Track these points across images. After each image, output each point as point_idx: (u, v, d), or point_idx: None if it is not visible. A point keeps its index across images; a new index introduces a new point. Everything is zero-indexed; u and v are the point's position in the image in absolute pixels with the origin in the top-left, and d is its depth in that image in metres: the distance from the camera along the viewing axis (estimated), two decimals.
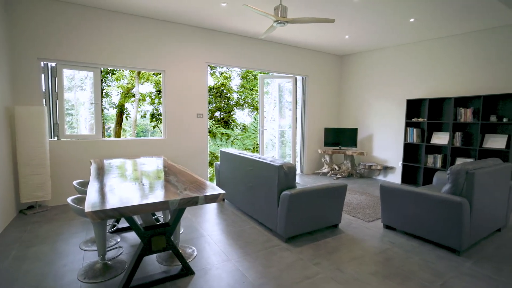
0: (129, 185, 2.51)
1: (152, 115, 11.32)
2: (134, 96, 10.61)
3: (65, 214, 3.94)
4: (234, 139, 10.95)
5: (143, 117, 11.69)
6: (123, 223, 3.56)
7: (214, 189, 2.39)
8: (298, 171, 7.12)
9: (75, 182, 3.04)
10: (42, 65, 4.15)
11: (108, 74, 10.37)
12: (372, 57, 6.63)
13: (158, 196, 2.18)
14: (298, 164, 7.12)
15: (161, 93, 6.04)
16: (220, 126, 11.68)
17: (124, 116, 10.92)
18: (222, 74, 11.46)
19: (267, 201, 3.35)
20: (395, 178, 6.25)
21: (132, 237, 3.26)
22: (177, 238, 2.85)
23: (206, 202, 2.24)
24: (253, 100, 11.99)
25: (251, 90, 11.94)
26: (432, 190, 3.11)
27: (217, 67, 11.29)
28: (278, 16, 3.43)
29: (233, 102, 12.14)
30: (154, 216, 3.53)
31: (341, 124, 7.45)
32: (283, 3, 3.92)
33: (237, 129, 12.15)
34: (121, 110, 10.78)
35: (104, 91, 10.33)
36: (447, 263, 2.74)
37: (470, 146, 4.92)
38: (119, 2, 4.16)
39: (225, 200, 4.64)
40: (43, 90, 4.18)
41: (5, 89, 3.64)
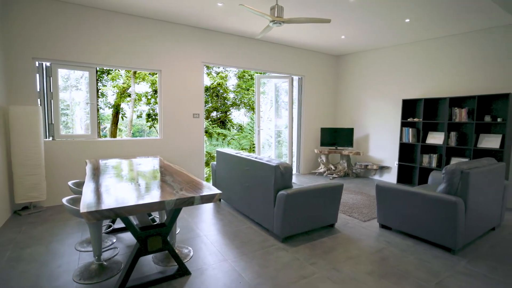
0: (125, 185, 2.50)
1: (148, 115, 11.28)
2: (130, 96, 10.57)
3: (60, 215, 3.91)
4: (231, 139, 10.94)
5: (139, 117, 11.65)
6: (119, 224, 3.55)
7: (210, 189, 2.38)
8: (295, 171, 7.14)
9: (71, 183, 3.02)
10: (37, 64, 4.11)
11: (103, 74, 10.33)
12: (368, 57, 6.66)
13: (154, 196, 2.17)
14: (295, 164, 7.14)
15: (157, 93, 6.02)
16: (216, 126, 11.67)
17: (120, 116, 10.88)
18: (218, 74, 11.45)
19: (264, 201, 3.36)
20: (391, 177, 6.28)
21: (128, 237, 3.25)
22: (173, 238, 2.84)
23: (202, 202, 2.23)
24: (249, 100, 11.99)
25: (248, 90, 11.94)
26: (427, 190, 3.13)
27: (213, 67, 11.27)
28: (274, 16, 3.44)
29: (229, 102, 12.14)
30: (150, 216, 3.52)
31: (337, 124, 7.47)
32: (279, 3, 3.93)
33: (233, 129, 12.14)
34: (117, 110, 10.74)
35: (99, 91, 10.28)
36: (442, 262, 2.76)
37: (465, 146, 4.96)
38: (115, 2, 4.14)
39: (221, 200, 4.64)
40: (38, 90, 4.15)
41: None
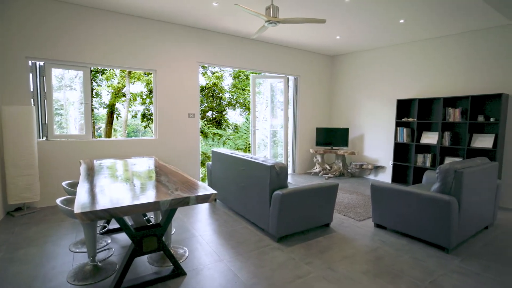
0: (119, 185, 2.49)
1: (143, 115, 11.23)
2: (125, 96, 10.51)
3: (54, 216, 3.88)
4: (226, 139, 10.93)
5: (134, 117, 11.59)
6: (114, 224, 3.52)
7: (205, 189, 2.38)
8: (290, 171, 7.15)
9: (65, 183, 2.99)
10: (30, 64, 4.07)
11: (98, 74, 10.26)
12: (363, 57, 6.69)
13: (149, 196, 2.16)
14: (290, 163, 7.15)
15: (152, 93, 5.99)
16: (212, 126, 11.65)
17: (114, 116, 10.81)
18: (214, 73, 11.43)
19: (259, 201, 3.36)
20: (386, 177, 6.32)
21: (123, 238, 3.23)
22: (168, 238, 2.83)
23: (198, 203, 2.23)
24: (245, 100, 11.99)
25: (243, 90, 11.94)
26: (421, 189, 3.15)
27: (208, 67, 11.25)
28: (270, 16, 3.44)
29: (225, 102, 12.12)
30: (145, 216, 3.50)
31: (332, 124, 7.50)
32: (275, 3, 3.93)
33: (229, 129, 12.13)
34: (111, 110, 10.67)
35: (94, 91, 10.20)
36: (436, 261, 2.79)
37: (458, 146, 5.00)
38: (110, 1, 4.11)
39: (217, 200, 4.63)
40: (31, 90, 4.11)
41: None
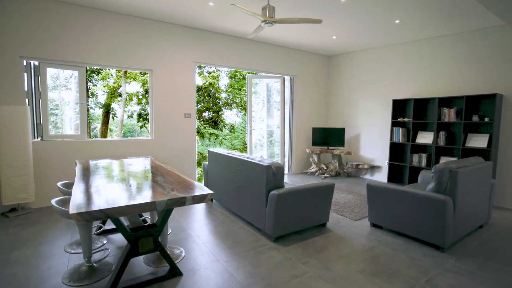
0: (115, 186, 2.47)
1: (139, 115, 11.17)
2: (120, 95, 10.46)
3: (49, 216, 3.85)
4: (223, 139, 10.92)
5: (130, 117, 11.54)
6: (110, 225, 3.51)
7: (202, 189, 2.38)
8: (286, 171, 7.16)
9: (60, 184, 2.97)
10: (25, 63, 4.04)
11: (94, 73, 10.19)
12: (358, 57, 6.72)
13: (145, 196, 2.15)
14: (286, 163, 7.16)
15: (148, 92, 5.97)
16: (208, 126, 11.63)
17: (110, 116, 10.75)
18: (210, 73, 11.41)
19: (256, 201, 3.36)
20: (382, 177, 6.35)
21: (118, 238, 3.21)
22: (164, 239, 2.82)
23: (194, 203, 2.23)
24: (241, 100, 11.98)
25: (240, 90, 11.93)
26: (417, 189, 3.17)
27: (205, 67, 11.23)
28: (266, 16, 3.44)
29: (221, 102, 12.10)
30: (142, 217, 3.49)
31: (328, 124, 7.52)
32: (271, 3, 3.93)
33: (225, 129, 12.11)
34: (107, 110, 10.61)
35: (90, 91, 10.14)
36: (432, 260, 2.81)
37: (453, 145, 5.04)
38: (106, 1, 4.09)
39: (213, 200, 4.63)
40: (26, 90, 4.07)
41: None
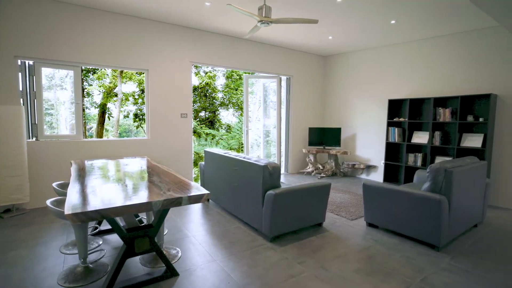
0: (111, 186, 2.46)
1: (135, 115, 11.13)
2: (116, 95, 10.41)
3: (44, 217, 3.82)
4: (219, 139, 10.90)
5: (126, 117, 11.48)
6: (105, 225, 3.49)
7: (198, 189, 2.37)
8: (283, 171, 7.17)
9: (55, 184, 2.96)
10: (19, 63, 4.01)
11: (89, 73, 10.14)
12: (355, 57, 6.74)
13: (141, 197, 2.15)
14: (283, 163, 7.17)
15: (144, 92, 5.95)
16: (205, 126, 11.61)
17: (106, 116, 10.70)
18: (206, 73, 11.39)
19: (252, 201, 3.36)
20: (378, 176, 6.38)
21: (114, 239, 3.20)
22: (161, 239, 2.82)
23: (190, 203, 2.22)
24: (238, 100, 11.97)
25: (236, 90, 11.92)
26: (412, 188, 3.19)
27: (201, 67, 11.21)
28: (262, 16, 3.44)
29: (218, 102, 12.09)
30: (138, 217, 3.48)
31: (325, 123, 7.54)
32: (267, 3, 3.93)
33: (222, 129, 12.10)
34: (103, 109, 10.56)
35: (85, 91, 10.08)
36: (427, 259, 2.82)
37: (448, 145, 5.08)
38: (103, 1, 4.06)
39: (209, 200, 4.62)
40: (21, 89, 4.04)
41: None
